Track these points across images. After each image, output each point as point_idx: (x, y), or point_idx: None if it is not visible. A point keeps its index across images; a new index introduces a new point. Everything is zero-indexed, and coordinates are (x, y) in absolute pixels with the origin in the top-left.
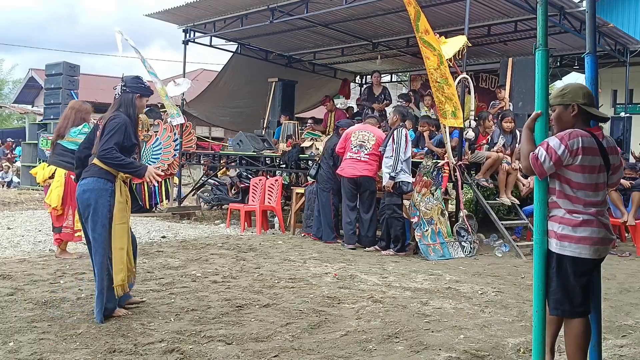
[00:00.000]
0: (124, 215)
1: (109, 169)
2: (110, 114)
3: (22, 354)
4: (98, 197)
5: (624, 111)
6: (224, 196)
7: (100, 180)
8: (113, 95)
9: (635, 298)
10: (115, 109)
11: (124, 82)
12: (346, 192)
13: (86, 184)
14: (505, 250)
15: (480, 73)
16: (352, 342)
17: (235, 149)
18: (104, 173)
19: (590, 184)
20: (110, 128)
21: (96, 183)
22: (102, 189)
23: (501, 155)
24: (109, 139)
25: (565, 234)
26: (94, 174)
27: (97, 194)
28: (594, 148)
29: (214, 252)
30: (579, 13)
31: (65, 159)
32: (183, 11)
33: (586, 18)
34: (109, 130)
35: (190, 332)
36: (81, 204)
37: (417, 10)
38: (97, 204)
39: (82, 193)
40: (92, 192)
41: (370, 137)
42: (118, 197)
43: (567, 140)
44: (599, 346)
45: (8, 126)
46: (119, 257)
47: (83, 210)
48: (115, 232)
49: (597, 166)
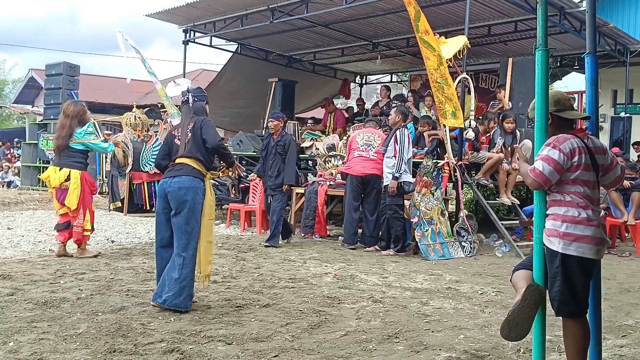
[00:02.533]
0: (212, 211)
1: (200, 169)
2: (195, 119)
3: (22, 354)
4: (194, 195)
5: (624, 111)
6: (224, 196)
7: (196, 179)
8: (180, 100)
9: (635, 298)
10: (192, 115)
11: (192, 93)
12: (352, 190)
13: (182, 182)
14: (505, 250)
15: (480, 73)
16: (352, 342)
17: (235, 149)
18: (197, 172)
19: (588, 181)
20: (209, 126)
21: (192, 182)
22: (197, 187)
23: (502, 156)
24: (215, 134)
25: (569, 232)
26: (188, 173)
27: (194, 192)
28: (581, 147)
29: (214, 252)
30: (579, 13)
31: (76, 159)
32: (183, 11)
33: (586, 18)
34: (208, 128)
35: (190, 332)
36: (176, 200)
37: (417, 11)
38: (193, 201)
39: (178, 190)
40: (188, 190)
41: (375, 137)
42: (208, 194)
43: (559, 145)
44: (599, 346)
45: (8, 126)
46: (208, 249)
47: (177, 206)
48: (205, 226)
49: (588, 164)
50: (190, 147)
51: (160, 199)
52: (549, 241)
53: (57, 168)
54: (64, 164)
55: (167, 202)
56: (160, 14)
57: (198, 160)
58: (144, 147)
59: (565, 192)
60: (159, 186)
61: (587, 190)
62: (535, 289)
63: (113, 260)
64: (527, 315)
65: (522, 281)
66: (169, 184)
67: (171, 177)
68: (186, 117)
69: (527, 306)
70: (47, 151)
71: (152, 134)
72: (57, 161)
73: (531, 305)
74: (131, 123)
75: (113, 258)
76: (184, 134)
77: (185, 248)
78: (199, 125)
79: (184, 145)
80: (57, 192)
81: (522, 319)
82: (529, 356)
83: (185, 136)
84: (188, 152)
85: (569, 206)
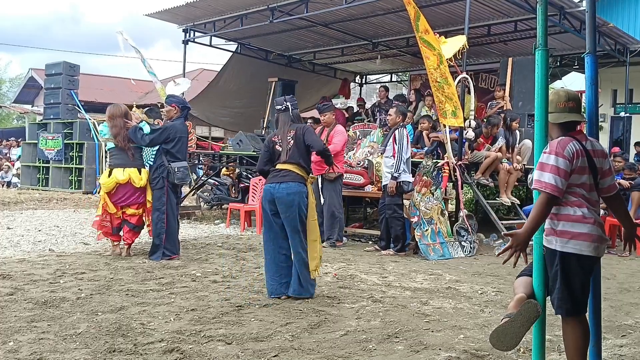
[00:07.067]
0: (314, 213)
1: (303, 174)
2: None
3: (22, 353)
4: (300, 200)
5: (624, 111)
6: (224, 196)
7: (301, 185)
8: (275, 108)
9: (635, 298)
10: (290, 122)
11: (290, 102)
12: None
13: (290, 188)
14: None
15: (480, 73)
16: (352, 342)
17: (235, 149)
18: (300, 178)
19: (584, 184)
20: (311, 132)
21: (298, 187)
22: (302, 192)
23: (500, 155)
24: (318, 139)
25: (566, 230)
26: (295, 179)
27: (300, 196)
28: (579, 150)
29: (214, 251)
30: (579, 13)
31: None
32: (183, 11)
33: (586, 18)
34: (311, 134)
35: (190, 332)
36: (285, 204)
37: (417, 10)
38: (300, 204)
39: (287, 195)
40: (295, 195)
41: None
42: (310, 198)
43: (560, 150)
44: (598, 346)
45: (7, 126)
46: (313, 247)
47: (286, 210)
48: (309, 226)
49: (585, 167)
50: (293, 153)
51: (267, 201)
52: (547, 241)
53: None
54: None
55: (274, 204)
56: (160, 14)
57: (300, 166)
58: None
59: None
60: (266, 190)
61: (583, 191)
62: (533, 307)
63: (113, 260)
64: (518, 330)
65: (521, 287)
66: (277, 190)
67: (278, 182)
68: (285, 125)
69: (521, 321)
70: (46, 151)
71: None
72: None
73: (524, 321)
74: None
75: (113, 258)
76: (285, 141)
77: (300, 245)
78: (302, 132)
79: (286, 151)
80: (119, 192)
81: (513, 332)
82: (528, 356)
83: (286, 143)
84: (290, 157)
85: (564, 205)
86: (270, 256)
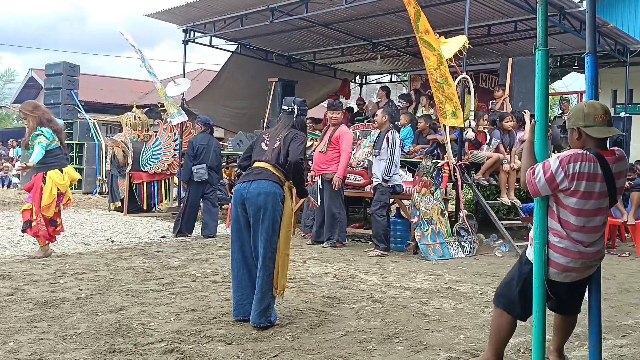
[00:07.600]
0: (290, 222)
1: (280, 175)
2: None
3: (22, 354)
4: (274, 202)
5: (624, 111)
6: (224, 196)
7: (276, 185)
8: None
9: (635, 298)
10: (290, 126)
11: (299, 106)
12: None
13: (261, 187)
14: (505, 250)
15: (480, 73)
16: (352, 342)
17: (235, 149)
18: (276, 178)
19: (583, 210)
20: (300, 142)
21: (272, 187)
22: (276, 193)
23: (501, 156)
24: (301, 151)
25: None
26: (268, 177)
27: (274, 198)
28: (595, 174)
29: (214, 252)
30: (579, 13)
31: None
32: (183, 11)
33: (586, 18)
34: (299, 143)
35: (190, 332)
36: (254, 205)
37: (417, 10)
38: (273, 208)
39: (257, 196)
40: (268, 196)
41: None
42: (288, 203)
43: (565, 163)
44: (599, 346)
45: (7, 126)
46: (284, 262)
47: (255, 212)
48: (282, 237)
49: (596, 192)
50: (276, 155)
51: (236, 205)
52: (529, 248)
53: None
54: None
55: (244, 208)
56: (160, 14)
57: (280, 168)
58: (143, 147)
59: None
60: (236, 191)
61: (579, 219)
62: None
63: (113, 260)
64: None
65: (494, 343)
66: (247, 190)
67: (249, 181)
68: (283, 127)
69: None
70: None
71: (151, 134)
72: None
73: None
74: (131, 123)
75: (113, 258)
76: (273, 141)
77: (263, 260)
78: (291, 137)
79: (270, 151)
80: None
81: None
82: (528, 356)
83: (273, 142)
84: (272, 159)
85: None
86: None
